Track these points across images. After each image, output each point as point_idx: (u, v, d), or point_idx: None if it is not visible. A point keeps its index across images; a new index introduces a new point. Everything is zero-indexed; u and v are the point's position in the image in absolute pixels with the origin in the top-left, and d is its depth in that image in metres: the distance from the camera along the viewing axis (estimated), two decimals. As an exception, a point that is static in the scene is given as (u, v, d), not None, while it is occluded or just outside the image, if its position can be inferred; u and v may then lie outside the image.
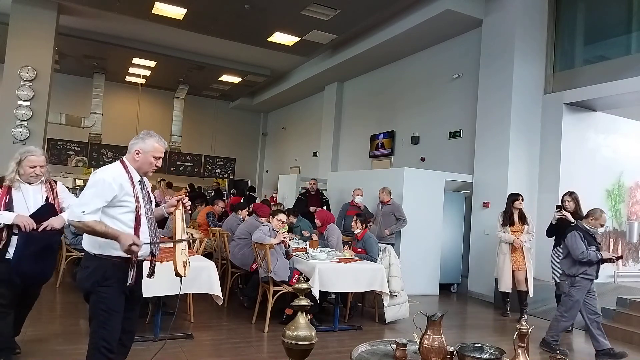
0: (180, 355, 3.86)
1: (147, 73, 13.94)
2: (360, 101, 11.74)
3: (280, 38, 9.66)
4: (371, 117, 11.14)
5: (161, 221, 3.13)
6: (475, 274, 7.43)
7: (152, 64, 12.95)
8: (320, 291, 4.61)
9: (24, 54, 8.85)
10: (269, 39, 9.77)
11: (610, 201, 8.06)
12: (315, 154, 13.50)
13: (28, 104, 8.82)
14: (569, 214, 5.53)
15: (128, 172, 2.55)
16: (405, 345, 1.94)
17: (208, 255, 6.08)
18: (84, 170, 13.57)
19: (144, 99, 15.38)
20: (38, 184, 3.28)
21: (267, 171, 17.15)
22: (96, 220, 2.38)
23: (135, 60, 12.69)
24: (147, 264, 2.67)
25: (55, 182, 3.44)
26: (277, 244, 4.86)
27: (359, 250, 5.57)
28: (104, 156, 13.99)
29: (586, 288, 4.55)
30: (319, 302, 4.82)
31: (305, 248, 5.52)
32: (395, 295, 5.26)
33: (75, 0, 8.65)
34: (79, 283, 2.58)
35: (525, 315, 5.80)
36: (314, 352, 1.95)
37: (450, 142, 8.62)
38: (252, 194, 12.72)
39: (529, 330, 1.92)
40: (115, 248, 2.43)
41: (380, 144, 10.63)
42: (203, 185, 15.29)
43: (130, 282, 2.49)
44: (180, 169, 15.32)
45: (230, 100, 16.98)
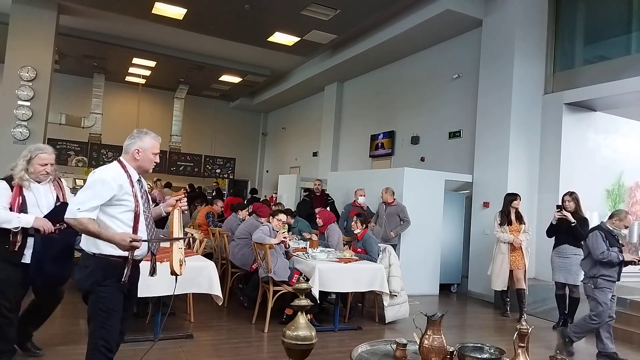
0: (180, 355, 3.86)
1: (147, 73, 13.93)
2: (360, 101, 11.73)
3: (280, 38, 9.66)
4: (371, 117, 11.14)
5: (161, 221, 3.14)
6: (475, 274, 7.43)
7: (152, 64, 12.94)
8: (320, 291, 4.61)
9: (24, 54, 8.84)
10: (269, 39, 9.76)
11: (610, 201, 8.05)
12: (315, 154, 13.50)
13: (28, 104, 8.81)
14: (569, 214, 5.52)
15: (127, 172, 2.57)
16: (405, 345, 1.94)
17: (208, 255, 6.07)
18: (84, 170, 13.53)
19: (144, 99, 15.37)
20: (47, 182, 3.26)
21: (267, 171, 17.13)
22: (90, 219, 2.38)
23: (135, 60, 12.68)
24: (147, 263, 2.67)
25: (61, 180, 3.43)
26: (277, 244, 4.86)
27: (359, 250, 5.57)
28: (104, 156, 13.99)
29: (610, 290, 4.42)
30: (319, 302, 4.82)
31: (305, 248, 5.52)
32: (395, 295, 5.26)
33: (75, 0, 8.65)
34: (77, 283, 2.57)
35: (525, 315, 5.81)
36: (314, 352, 1.95)
37: (450, 142, 8.62)
38: (255, 195, 12.71)
39: (529, 330, 1.92)
40: (114, 247, 2.43)
41: (380, 144, 10.62)
42: (203, 185, 15.29)
43: (124, 280, 2.48)
44: (180, 169, 15.32)
45: (230, 100, 16.97)
